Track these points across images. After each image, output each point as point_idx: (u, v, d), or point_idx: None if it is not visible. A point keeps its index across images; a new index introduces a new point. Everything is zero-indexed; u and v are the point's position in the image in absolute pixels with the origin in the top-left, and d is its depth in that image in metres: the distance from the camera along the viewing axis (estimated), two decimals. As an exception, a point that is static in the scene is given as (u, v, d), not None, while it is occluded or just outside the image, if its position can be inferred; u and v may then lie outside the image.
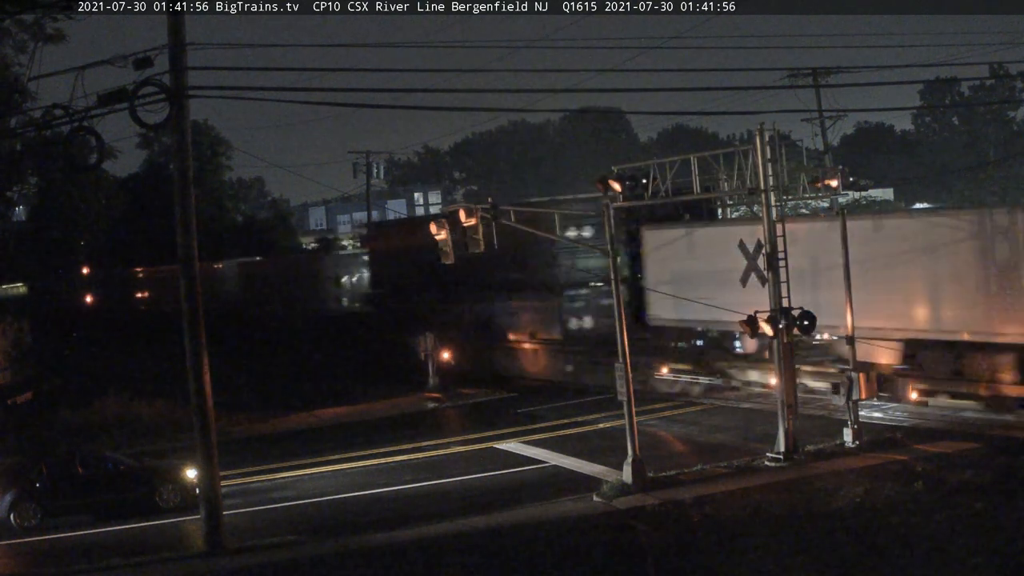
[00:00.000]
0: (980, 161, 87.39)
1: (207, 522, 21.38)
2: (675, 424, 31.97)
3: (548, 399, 37.95)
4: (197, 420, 21.55)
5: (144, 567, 20.41)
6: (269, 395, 41.74)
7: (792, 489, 22.66)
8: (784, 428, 25.30)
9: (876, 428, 27.78)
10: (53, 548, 22.62)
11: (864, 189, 46.65)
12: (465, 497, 24.57)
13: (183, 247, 21.47)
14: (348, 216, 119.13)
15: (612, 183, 25.07)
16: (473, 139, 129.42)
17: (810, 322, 25.28)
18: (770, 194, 25.91)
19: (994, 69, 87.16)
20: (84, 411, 37.51)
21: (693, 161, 27.94)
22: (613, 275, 24.99)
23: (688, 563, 19.07)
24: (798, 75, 56.37)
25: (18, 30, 44.32)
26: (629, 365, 24.36)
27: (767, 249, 25.75)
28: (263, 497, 26.37)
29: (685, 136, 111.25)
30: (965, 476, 22.40)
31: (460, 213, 25.12)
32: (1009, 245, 27.17)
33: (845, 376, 26.51)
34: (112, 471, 25.62)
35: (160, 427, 35.49)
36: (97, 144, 21.13)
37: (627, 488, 23.42)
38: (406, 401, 40.10)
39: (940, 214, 35.47)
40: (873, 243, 29.64)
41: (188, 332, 21.45)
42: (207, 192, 74.05)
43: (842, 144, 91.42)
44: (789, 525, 20.28)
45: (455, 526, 21.84)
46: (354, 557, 20.11)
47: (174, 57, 20.54)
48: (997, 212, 28.41)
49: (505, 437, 31.45)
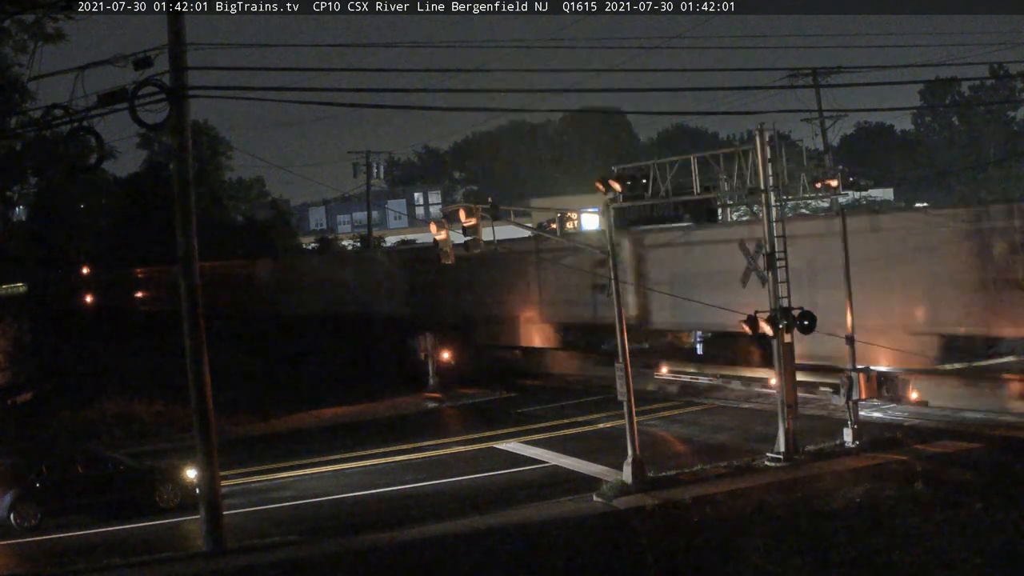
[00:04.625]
0: (980, 161, 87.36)
1: (207, 522, 21.37)
2: (675, 424, 31.97)
3: (548, 399, 37.95)
4: (197, 420, 21.54)
5: (144, 567, 20.39)
6: (270, 395, 41.75)
7: (792, 489, 22.66)
8: (784, 428, 25.29)
9: (876, 428, 27.79)
10: (53, 548, 22.59)
11: (864, 189, 46.61)
12: (465, 497, 24.54)
13: (183, 247, 21.47)
14: (348, 216, 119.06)
15: (612, 183, 25.08)
16: (473, 139, 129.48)
17: (810, 322, 25.29)
18: (770, 194, 25.91)
19: (994, 69, 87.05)
20: (84, 411, 37.45)
21: (693, 161, 27.95)
22: (613, 275, 24.98)
23: (688, 563, 19.08)
24: (798, 75, 56.41)
25: (18, 30, 44.28)
26: (629, 365, 24.38)
27: (767, 249, 25.75)
28: (263, 497, 26.35)
29: (685, 136, 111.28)
30: (965, 476, 22.41)
31: (460, 213, 25.12)
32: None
33: (845, 376, 26.51)
34: (112, 471, 25.60)
35: (160, 427, 35.48)
36: (97, 144, 21.15)
37: (627, 488, 23.41)
38: (406, 401, 40.10)
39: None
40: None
41: (188, 332, 21.45)
42: (207, 192, 73.97)
43: (842, 144, 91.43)
44: (789, 525, 20.28)
45: (455, 526, 21.84)
46: (354, 557, 20.10)
47: (174, 57, 20.53)
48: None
49: (505, 437, 31.45)
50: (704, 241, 35.87)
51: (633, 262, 37.77)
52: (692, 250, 36.33)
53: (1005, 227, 28.00)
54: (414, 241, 74.83)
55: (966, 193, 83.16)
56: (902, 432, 27.33)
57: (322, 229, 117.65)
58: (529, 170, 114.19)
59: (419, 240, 72.45)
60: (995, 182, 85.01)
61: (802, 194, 28.79)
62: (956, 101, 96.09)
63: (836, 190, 27.44)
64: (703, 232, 36.06)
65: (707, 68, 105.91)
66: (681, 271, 35.97)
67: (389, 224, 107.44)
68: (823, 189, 27.30)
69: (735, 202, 36.24)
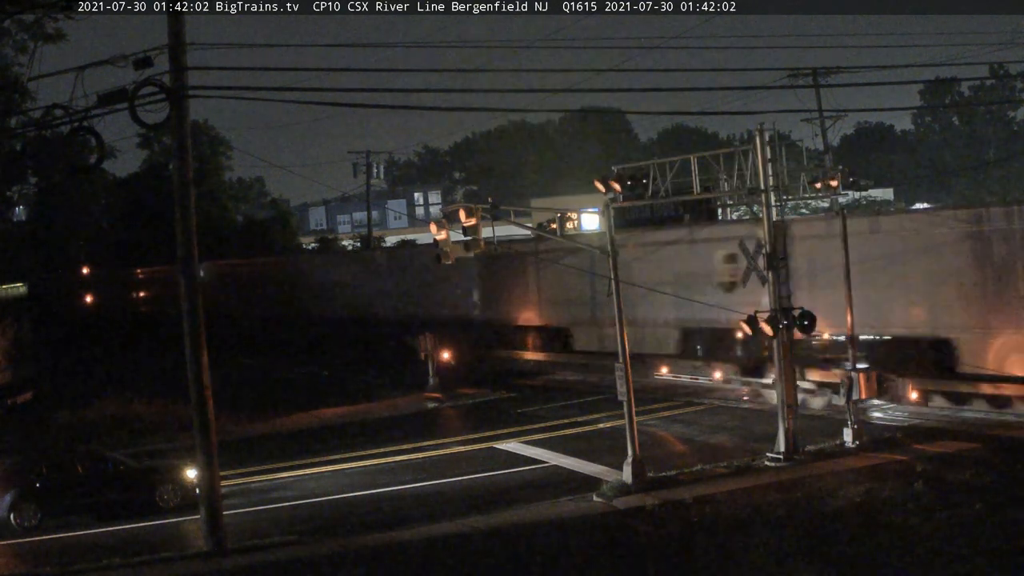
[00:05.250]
0: (980, 161, 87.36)
1: (207, 522, 21.36)
2: (675, 424, 31.96)
3: (548, 399, 37.94)
4: (197, 420, 21.52)
5: (144, 567, 20.39)
6: (270, 395, 41.75)
7: (792, 489, 22.65)
8: (784, 428, 25.29)
9: (876, 428, 27.79)
10: (53, 548, 22.59)
11: (864, 189, 46.66)
12: (465, 497, 24.55)
13: (183, 247, 21.46)
14: (348, 216, 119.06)
15: (612, 183, 25.09)
16: (473, 139, 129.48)
17: (810, 322, 25.28)
18: (770, 194, 25.90)
19: (994, 69, 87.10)
20: (84, 411, 37.41)
21: (693, 161, 27.94)
22: (613, 275, 24.96)
23: (688, 563, 19.07)
24: (798, 75, 56.42)
25: (18, 30, 44.32)
26: (629, 365, 24.36)
27: (767, 249, 25.75)
28: (263, 497, 26.35)
29: (685, 136, 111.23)
30: (965, 476, 22.41)
31: (460, 213, 25.11)
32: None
33: (845, 376, 26.50)
34: (112, 471, 25.58)
35: (160, 427, 35.42)
36: (97, 144, 21.14)
37: (627, 488, 23.41)
38: (406, 401, 40.08)
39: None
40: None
41: (188, 332, 21.44)
42: (207, 192, 73.96)
43: (842, 144, 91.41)
44: (789, 525, 20.28)
45: (455, 526, 21.83)
46: (354, 557, 20.10)
47: (174, 57, 20.52)
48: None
49: (505, 437, 31.44)
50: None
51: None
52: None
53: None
54: (414, 241, 74.81)
55: (967, 193, 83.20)
56: (902, 432, 27.33)
57: (322, 229, 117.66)
58: (529, 170, 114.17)
59: (419, 240, 72.44)
60: (995, 182, 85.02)
61: (802, 194, 28.80)
62: (956, 101, 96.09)
63: (836, 190, 27.44)
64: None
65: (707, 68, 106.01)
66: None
67: (389, 224, 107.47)
68: (823, 189, 27.30)
69: (735, 202, 36.22)
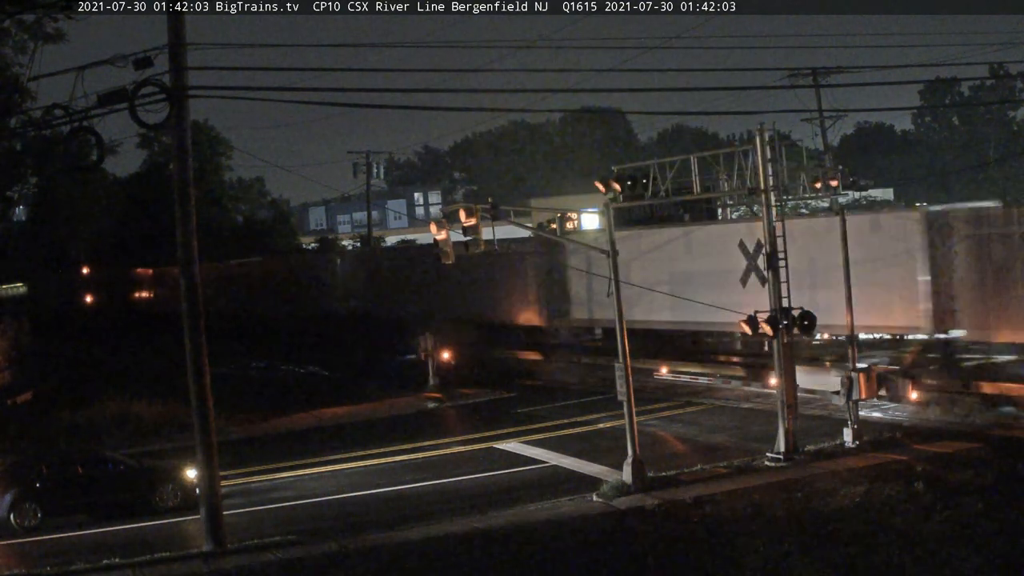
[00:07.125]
0: (980, 161, 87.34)
1: (207, 522, 21.37)
2: (675, 424, 31.97)
3: (548, 399, 37.94)
4: (197, 420, 21.53)
5: (144, 567, 20.39)
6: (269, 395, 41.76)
7: (792, 489, 22.65)
8: (784, 428, 25.30)
9: (876, 428, 27.78)
10: (53, 548, 22.60)
11: (864, 189, 46.69)
12: (465, 497, 24.56)
13: (183, 247, 21.46)
14: (348, 216, 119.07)
15: (612, 183, 25.10)
16: (473, 139, 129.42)
17: (810, 322, 25.28)
18: (770, 194, 25.90)
19: (994, 69, 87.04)
20: (84, 411, 37.42)
21: (693, 161, 27.96)
22: (613, 275, 24.96)
23: (688, 563, 19.05)
24: (798, 75, 56.44)
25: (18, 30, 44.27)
26: (629, 365, 24.36)
27: (767, 249, 25.74)
28: (263, 497, 26.36)
29: (685, 136, 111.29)
30: (965, 476, 22.39)
31: (460, 213, 25.10)
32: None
33: (845, 376, 26.50)
34: (112, 471, 25.58)
35: (160, 427, 35.44)
36: (97, 144, 21.14)
37: (627, 488, 23.42)
38: (406, 401, 40.08)
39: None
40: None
41: (188, 332, 21.44)
42: (207, 192, 73.95)
43: (842, 144, 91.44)
44: (789, 525, 20.26)
45: (455, 526, 21.83)
46: (354, 557, 20.09)
47: (174, 57, 20.53)
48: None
49: (505, 437, 31.45)
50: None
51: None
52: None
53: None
54: (414, 241, 74.84)
55: (966, 193, 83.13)
56: (902, 432, 27.32)
57: (322, 229, 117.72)
58: (529, 170, 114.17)
59: (419, 240, 72.48)
60: (995, 182, 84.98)
61: (802, 194, 28.81)
62: (956, 101, 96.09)
63: (836, 190, 27.45)
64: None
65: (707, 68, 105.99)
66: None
67: (389, 224, 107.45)
68: (823, 189, 27.31)
69: (735, 202, 36.23)
